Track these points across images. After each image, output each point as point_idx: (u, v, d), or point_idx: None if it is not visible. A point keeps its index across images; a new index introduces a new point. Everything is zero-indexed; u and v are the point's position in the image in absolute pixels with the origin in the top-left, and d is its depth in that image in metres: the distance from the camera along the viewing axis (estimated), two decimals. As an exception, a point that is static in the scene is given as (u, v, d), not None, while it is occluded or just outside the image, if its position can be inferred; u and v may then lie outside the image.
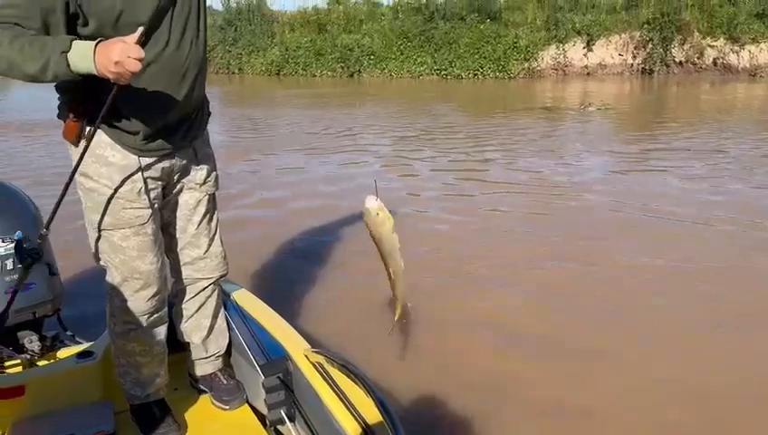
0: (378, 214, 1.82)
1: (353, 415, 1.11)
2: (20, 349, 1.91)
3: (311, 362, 1.35)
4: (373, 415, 1.05)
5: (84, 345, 1.80)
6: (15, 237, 1.75)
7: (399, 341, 2.32)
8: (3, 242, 1.77)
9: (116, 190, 1.35)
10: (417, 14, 14.23)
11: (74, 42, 1.03)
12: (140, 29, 1.05)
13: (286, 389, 1.45)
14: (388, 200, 2.11)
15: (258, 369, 1.50)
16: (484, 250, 3.27)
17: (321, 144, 6.55)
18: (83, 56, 1.03)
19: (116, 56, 0.98)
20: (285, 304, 2.41)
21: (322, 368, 1.30)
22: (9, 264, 1.77)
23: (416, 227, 3.58)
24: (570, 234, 3.43)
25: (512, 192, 4.54)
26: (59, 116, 1.32)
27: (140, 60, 0.99)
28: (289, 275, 3.02)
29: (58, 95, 1.31)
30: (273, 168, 5.55)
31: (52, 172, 4.88)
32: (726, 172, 4.87)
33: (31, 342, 1.92)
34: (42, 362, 1.91)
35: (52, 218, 1.33)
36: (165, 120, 1.32)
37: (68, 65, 1.02)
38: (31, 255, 1.47)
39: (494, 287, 2.77)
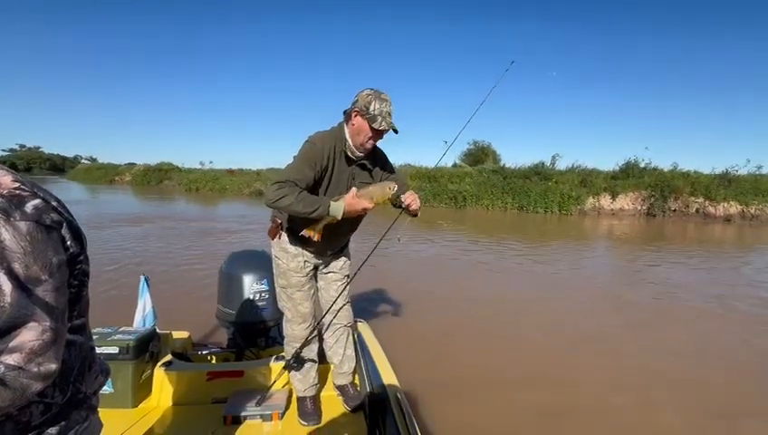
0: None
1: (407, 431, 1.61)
2: (254, 344, 2.56)
3: (396, 395, 1.85)
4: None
5: (281, 348, 2.29)
6: (265, 283, 2.47)
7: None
8: (260, 284, 2.47)
9: (289, 266, 1.97)
10: (497, 174, 21.00)
11: (330, 201, 1.69)
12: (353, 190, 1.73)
13: (380, 408, 1.86)
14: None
15: (367, 393, 1.98)
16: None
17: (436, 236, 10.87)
18: (337, 208, 1.70)
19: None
20: (383, 332, 3.21)
21: (396, 398, 1.81)
22: (259, 295, 2.47)
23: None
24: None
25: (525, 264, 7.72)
26: (271, 220, 1.98)
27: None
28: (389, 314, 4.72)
29: (272, 214, 1.96)
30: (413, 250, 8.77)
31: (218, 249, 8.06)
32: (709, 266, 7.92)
33: (260, 341, 2.56)
34: (263, 354, 2.52)
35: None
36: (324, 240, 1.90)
37: (328, 211, 1.69)
38: (268, 293, 2.35)
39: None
